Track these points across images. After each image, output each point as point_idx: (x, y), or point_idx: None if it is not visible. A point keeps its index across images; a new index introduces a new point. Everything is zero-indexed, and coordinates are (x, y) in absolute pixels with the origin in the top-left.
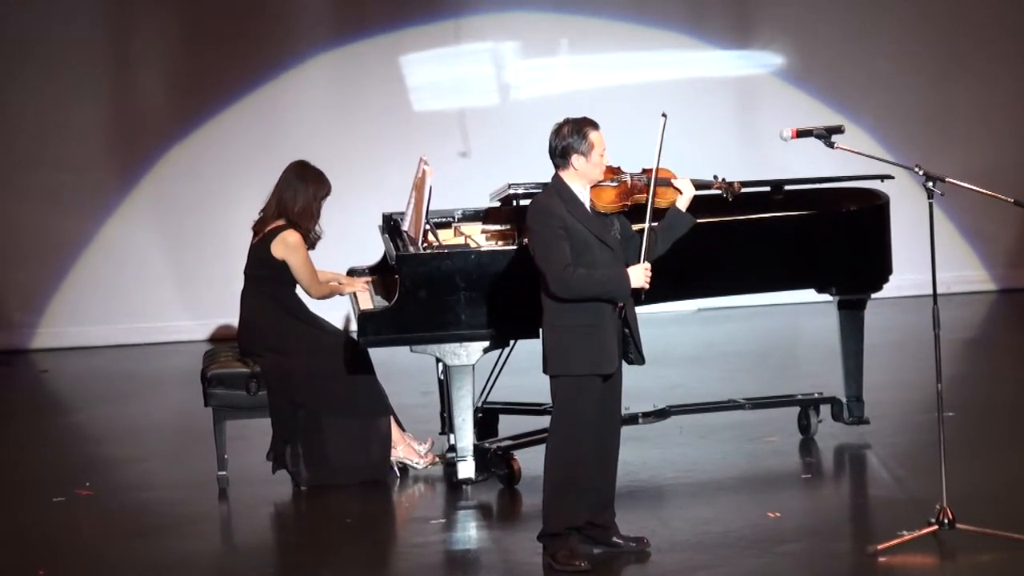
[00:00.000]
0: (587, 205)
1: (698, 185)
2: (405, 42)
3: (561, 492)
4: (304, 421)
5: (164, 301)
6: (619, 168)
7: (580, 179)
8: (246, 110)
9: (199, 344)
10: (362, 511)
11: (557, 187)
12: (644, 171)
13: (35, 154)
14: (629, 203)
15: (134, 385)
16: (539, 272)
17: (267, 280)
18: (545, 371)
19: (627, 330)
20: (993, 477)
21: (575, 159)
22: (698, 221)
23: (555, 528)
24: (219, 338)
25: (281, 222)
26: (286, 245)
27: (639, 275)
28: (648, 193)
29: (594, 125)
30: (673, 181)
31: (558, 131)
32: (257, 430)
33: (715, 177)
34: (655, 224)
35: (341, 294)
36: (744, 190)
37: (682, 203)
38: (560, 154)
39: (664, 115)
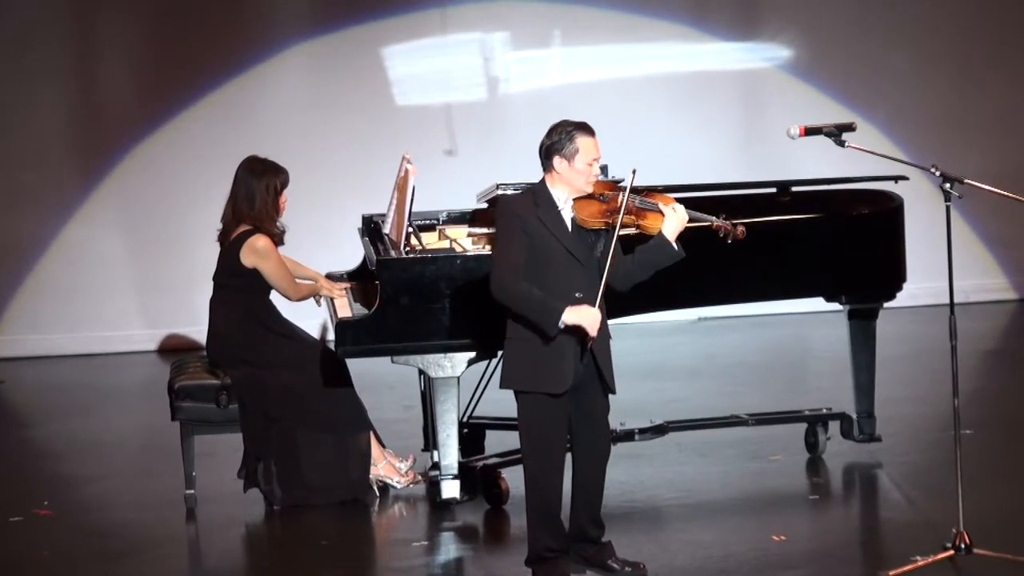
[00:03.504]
0: (567, 215)
1: (697, 219)
2: (387, 32)
3: (540, 513)
4: (278, 437)
5: (129, 308)
6: (620, 182)
7: (562, 185)
8: (217, 105)
9: (166, 354)
10: (339, 532)
11: (536, 190)
12: (645, 193)
13: None
14: (611, 222)
15: (96, 397)
16: None
17: (236, 288)
18: (500, 386)
19: (593, 362)
20: (1013, 499)
21: (557, 161)
22: (700, 225)
23: (539, 550)
24: (187, 348)
25: (246, 227)
26: (255, 252)
27: (586, 316)
28: (621, 218)
29: (587, 130)
30: (662, 206)
31: (549, 131)
32: (228, 446)
33: (718, 216)
34: (619, 253)
35: (318, 295)
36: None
37: (669, 229)
38: (544, 154)
39: (634, 171)
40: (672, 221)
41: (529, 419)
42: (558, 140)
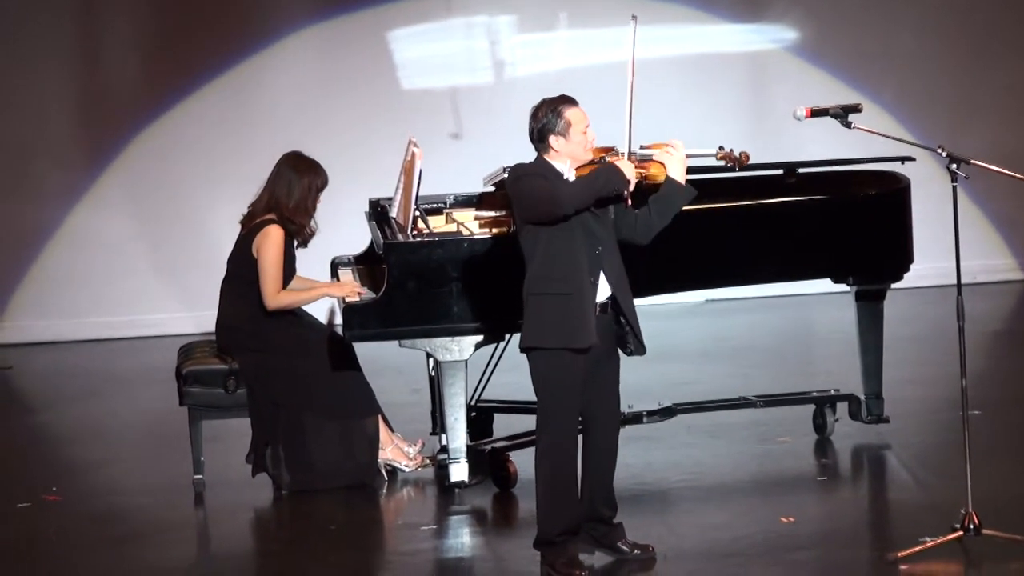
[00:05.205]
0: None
1: (695, 155)
2: (393, 16)
3: (554, 492)
4: (286, 421)
5: (136, 293)
6: (613, 149)
7: (563, 159)
8: (223, 89)
9: (173, 339)
10: (347, 517)
11: (540, 165)
12: (641, 147)
13: None
14: None
15: (104, 383)
16: (525, 250)
17: (247, 278)
18: (520, 347)
19: (624, 320)
20: (1022, 479)
21: (553, 140)
22: (706, 206)
23: (551, 532)
24: (196, 332)
25: (271, 216)
26: (263, 235)
27: (630, 168)
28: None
29: (571, 102)
30: (659, 155)
31: (534, 114)
32: (236, 431)
33: (720, 148)
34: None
35: (331, 295)
36: (752, 162)
37: (675, 171)
38: (539, 137)
39: (634, 17)
40: (675, 162)
41: (555, 379)
42: (547, 121)
